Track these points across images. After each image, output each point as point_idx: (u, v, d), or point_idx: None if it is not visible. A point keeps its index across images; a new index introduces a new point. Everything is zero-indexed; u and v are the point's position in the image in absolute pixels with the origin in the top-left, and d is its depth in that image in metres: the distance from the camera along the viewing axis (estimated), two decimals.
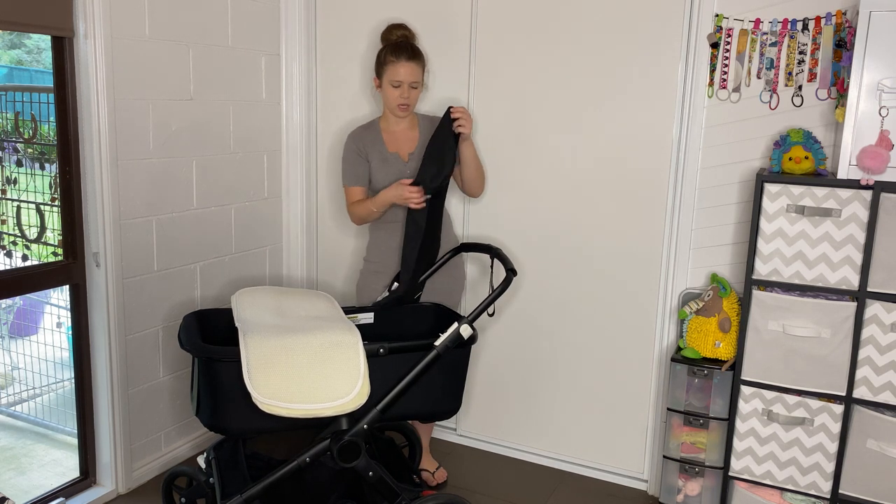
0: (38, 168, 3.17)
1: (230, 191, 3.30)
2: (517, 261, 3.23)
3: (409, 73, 2.79)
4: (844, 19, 2.57)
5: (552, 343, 3.24)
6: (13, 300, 3.95)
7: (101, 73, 2.67)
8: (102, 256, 2.77)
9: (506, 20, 3.12)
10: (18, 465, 3.21)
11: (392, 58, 2.80)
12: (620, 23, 2.93)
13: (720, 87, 2.79)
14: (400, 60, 2.78)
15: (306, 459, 2.39)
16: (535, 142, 3.14)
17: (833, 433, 2.49)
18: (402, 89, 2.80)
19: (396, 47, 2.82)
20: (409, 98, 2.82)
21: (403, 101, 2.82)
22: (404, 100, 2.81)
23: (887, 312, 2.38)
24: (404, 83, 2.79)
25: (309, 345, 2.24)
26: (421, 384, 2.42)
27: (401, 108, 2.84)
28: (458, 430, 3.50)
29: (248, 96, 3.34)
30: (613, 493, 3.10)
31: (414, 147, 2.92)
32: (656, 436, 3.08)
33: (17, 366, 3.88)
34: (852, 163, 2.36)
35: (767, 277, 2.52)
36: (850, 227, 2.39)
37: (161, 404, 3.11)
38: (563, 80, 3.06)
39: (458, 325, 2.43)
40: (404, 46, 2.82)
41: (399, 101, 2.82)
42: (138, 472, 3.01)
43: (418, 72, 2.81)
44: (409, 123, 2.95)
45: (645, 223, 3.00)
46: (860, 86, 2.33)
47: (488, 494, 3.05)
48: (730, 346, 2.71)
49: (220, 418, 2.28)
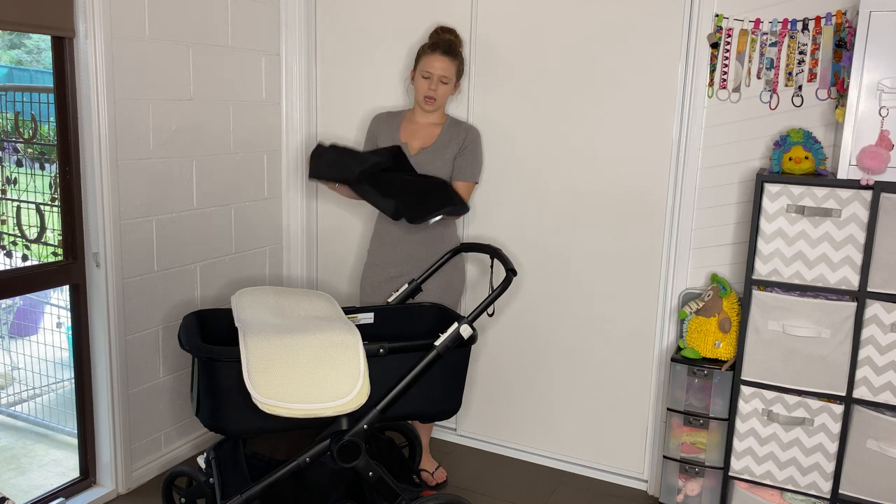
0: (38, 168, 3.17)
1: (230, 191, 3.30)
2: (517, 261, 3.24)
3: (440, 67, 2.87)
4: (844, 19, 2.57)
5: (552, 343, 3.24)
6: (13, 300, 3.95)
7: (101, 73, 2.67)
8: (102, 256, 2.77)
9: (506, 20, 3.13)
10: (18, 465, 3.21)
11: (428, 50, 2.90)
12: (620, 23, 2.93)
13: (720, 87, 2.79)
14: (435, 54, 2.88)
15: (306, 459, 2.39)
16: (535, 141, 3.14)
17: (833, 433, 2.49)
18: (431, 81, 2.88)
19: (435, 43, 2.92)
20: (437, 92, 2.89)
21: (431, 92, 2.89)
22: (432, 92, 2.89)
23: (887, 312, 2.38)
24: (434, 75, 2.87)
25: (309, 345, 2.24)
26: (421, 384, 2.42)
27: (427, 100, 2.90)
28: (458, 430, 3.50)
29: (248, 96, 3.34)
30: (613, 493, 3.10)
31: (430, 143, 2.95)
32: (656, 436, 3.08)
33: (17, 366, 3.88)
34: (852, 163, 2.36)
35: (767, 277, 2.52)
36: (850, 227, 2.39)
37: (161, 404, 3.11)
38: (563, 79, 3.06)
39: (458, 325, 2.43)
40: (443, 42, 2.92)
41: (426, 93, 2.89)
42: (138, 472, 3.01)
43: (450, 68, 2.88)
44: (435, 119, 3.00)
45: (645, 223, 3.00)
46: (860, 86, 2.33)
47: (488, 494, 3.05)
48: (730, 346, 2.71)
49: (219, 418, 2.28)
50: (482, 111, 3.22)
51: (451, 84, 2.92)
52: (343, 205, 3.55)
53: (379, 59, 3.40)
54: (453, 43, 2.95)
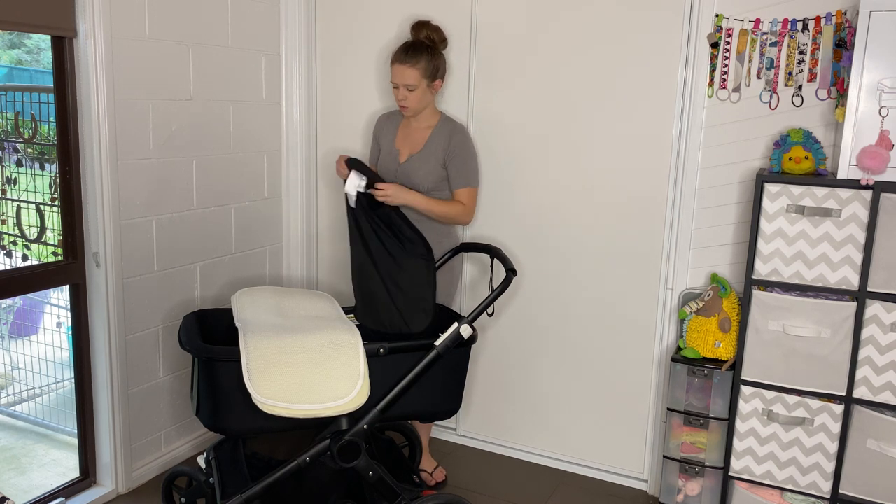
0: (38, 168, 3.17)
1: (230, 191, 3.30)
2: (517, 261, 3.24)
3: (401, 76, 2.78)
4: (844, 19, 2.57)
5: (552, 343, 3.24)
6: (13, 300, 3.95)
7: (101, 73, 2.67)
8: (102, 256, 2.77)
9: (506, 21, 3.12)
10: (18, 465, 3.21)
11: (392, 59, 2.82)
12: (621, 23, 2.93)
13: (720, 87, 2.79)
14: (395, 63, 2.80)
15: (306, 459, 2.39)
16: (535, 141, 3.14)
17: (833, 433, 2.49)
18: (399, 91, 2.81)
19: (399, 49, 2.82)
20: (407, 100, 2.80)
21: (402, 101, 2.82)
22: (402, 101, 2.82)
23: (887, 312, 2.38)
24: (400, 85, 2.80)
25: (309, 345, 2.24)
26: (421, 384, 2.42)
27: (401, 109, 2.86)
28: (458, 430, 3.50)
29: (248, 96, 3.34)
30: (613, 493, 3.10)
31: (417, 149, 2.89)
32: (656, 436, 3.08)
33: (17, 366, 3.88)
34: (852, 163, 2.36)
35: (767, 277, 2.52)
36: (850, 227, 2.39)
37: (161, 404, 3.11)
38: (563, 79, 3.06)
39: (458, 324, 2.44)
40: (405, 48, 2.81)
41: (399, 103, 2.84)
42: (138, 472, 3.01)
43: (412, 74, 2.76)
44: (427, 122, 2.92)
45: (645, 223, 3.00)
46: (860, 86, 2.33)
47: (488, 494, 3.05)
48: (730, 346, 2.71)
49: (220, 418, 2.28)
50: (482, 111, 3.21)
51: (421, 88, 2.79)
52: (343, 204, 3.54)
53: (379, 59, 3.40)
54: (419, 45, 2.81)
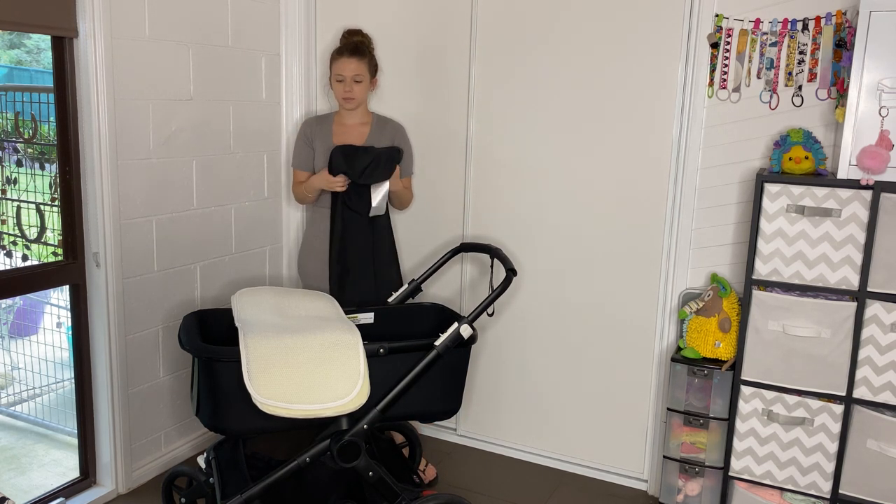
0: (38, 168, 3.18)
1: (230, 191, 3.30)
2: (517, 261, 3.24)
3: (350, 68, 2.97)
4: (844, 19, 2.57)
5: (552, 343, 3.24)
6: (13, 300, 3.95)
7: (101, 73, 2.67)
8: (102, 256, 2.77)
9: (506, 21, 3.12)
10: (18, 465, 3.21)
11: (337, 55, 3.02)
12: (620, 23, 2.93)
13: (720, 87, 2.79)
14: (343, 57, 2.99)
15: (306, 459, 2.39)
16: (534, 141, 3.14)
17: (833, 433, 2.49)
18: (345, 83, 2.99)
19: (342, 47, 3.04)
20: (353, 91, 2.99)
21: (347, 93, 3.00)
22: (348, 93, 2.99)
23: (887, 312, 2.38)
24: (346, 77, 2.98)
25: (309, 345, 2.24)
26: (421, 384, 2.42)
27: (346, 101, 3.02)
28: (458, 430, 3.50)
29: (248, 96, 3.34)
30: (613, 493, 3.10)
31: (361, 142, 3.05)
32: (656, 436, 3.08)
33: (17, 366, 3.88)
34: (852, 163, 2.36)
35: (767, 277, 2.52)
36: (850, 227, 2.39)
37: (161, 404, 3.11)
38: (563, 79, 3.06)
39: (458, 325, 2.44)
40: (350, 45, 3.02)
41: (343, 94, 3.01)
42: (138, 472, 3.01)
43: (360, 67, 2.98)
44: (361, 119, 3.11)
45: (645, 223, 3.00)
46: (860, 86, 2.33)
47: (488, 494, 3.05)
48: (730, 346, 2.71)
49: (220, 418, 2.28)
50: (482, 111, 3.22)
51: (366, 82, 3.02)
52: None
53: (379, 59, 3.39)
54: (361, 43, 3.05)
